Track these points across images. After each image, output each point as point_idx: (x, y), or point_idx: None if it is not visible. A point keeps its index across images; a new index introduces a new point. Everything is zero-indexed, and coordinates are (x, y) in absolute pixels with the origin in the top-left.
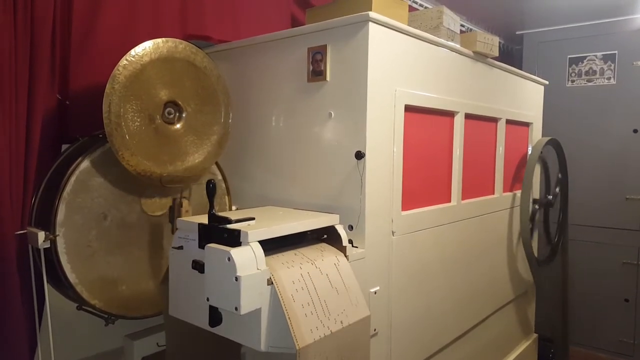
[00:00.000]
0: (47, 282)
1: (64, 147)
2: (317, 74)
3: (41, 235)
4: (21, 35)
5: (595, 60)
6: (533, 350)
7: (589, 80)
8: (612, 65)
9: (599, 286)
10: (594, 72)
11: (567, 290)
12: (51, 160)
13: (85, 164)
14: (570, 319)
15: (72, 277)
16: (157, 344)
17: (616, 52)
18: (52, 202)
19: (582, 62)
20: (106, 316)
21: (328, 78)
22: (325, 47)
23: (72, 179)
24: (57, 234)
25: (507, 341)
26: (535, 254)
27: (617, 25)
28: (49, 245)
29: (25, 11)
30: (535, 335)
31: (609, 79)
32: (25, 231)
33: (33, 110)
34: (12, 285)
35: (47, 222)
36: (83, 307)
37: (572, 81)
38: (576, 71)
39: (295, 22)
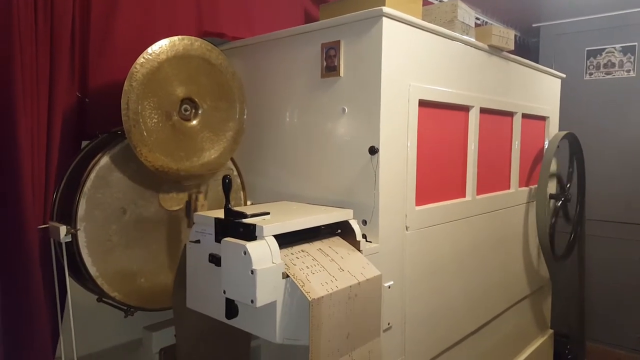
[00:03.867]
0: (69, 275)
1: (84, 143)
2: (330, 69)
3: (63, 229)
4: (41, 34)
5: (614, 52)
6: (549, 346)
7: (607, 73)
8: (632, 57)
9: (616, 282)
10: (613, 65)
11: (583, 286)
12: (71, 157)
13: (104, 160)
14: (587, 315)
15: (92, 270)
16: (175, 335)
17: (636, 44)
18: (73, 197)
19: (601, 55)
20: (125, 308)
21: (342, 74)
22: (338, 42)
23: (92, 174)
24: (78, 228)
25: (523, 337)
26: (552, 250)
27: (636, 17)
28: (70, 239)
29: (45, 10)
30: (551, 331)
31: (628, 71)
32: (47, 225)
33: (54, 108)
34: (35, 278)
35: (68, 217)
36: (103, 299)
37: (590, 74)
38: (594, 64)
39: (308, 18)
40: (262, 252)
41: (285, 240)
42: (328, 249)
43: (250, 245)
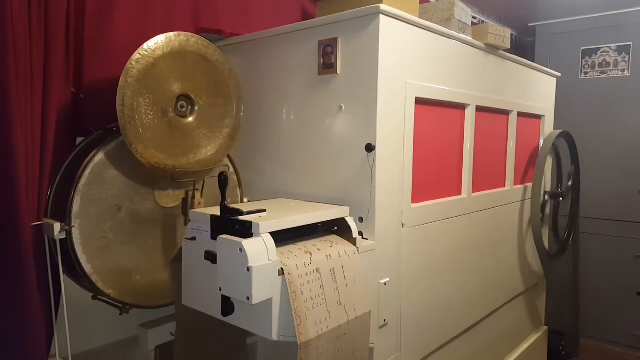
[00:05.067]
0: (63, 272)
1: (79, 140)
2: (327, 67)
3: (57, 226)
4: (36, 29)
5: (609, 52)
6: (543, 342)
7: (602, 72)
8: (627, 56)
9: (611, 279)
10: (608, 64)
11: (578, 283)
12: (66, 153)
13: (99, 156)
14: (581, 312)
15: (87, 267)
16: (171, 333)
17: (631, 43)
18: (67, 194)
19: (596, 54)
20: (121, 306)
21: (339, 71)
22: (336, 40)
23: (87, 171)
24: (72, 225)
25: (517, 333)
26: (546, 247)
27: (632, 16)
28: (64, 236)
29: (39, 4)
30: (545, 328)
31: (623, 70)
32: (41, 222)
33: (48, 104)
34: (29, 275)
35: (62, 214)
36: (98, 296)
37: (585, 73)
38: (589, 63)
39: (306, 15)
40: (258, 249)
41: (282, 237)
42: (340, 270)
43: (246, 243)
